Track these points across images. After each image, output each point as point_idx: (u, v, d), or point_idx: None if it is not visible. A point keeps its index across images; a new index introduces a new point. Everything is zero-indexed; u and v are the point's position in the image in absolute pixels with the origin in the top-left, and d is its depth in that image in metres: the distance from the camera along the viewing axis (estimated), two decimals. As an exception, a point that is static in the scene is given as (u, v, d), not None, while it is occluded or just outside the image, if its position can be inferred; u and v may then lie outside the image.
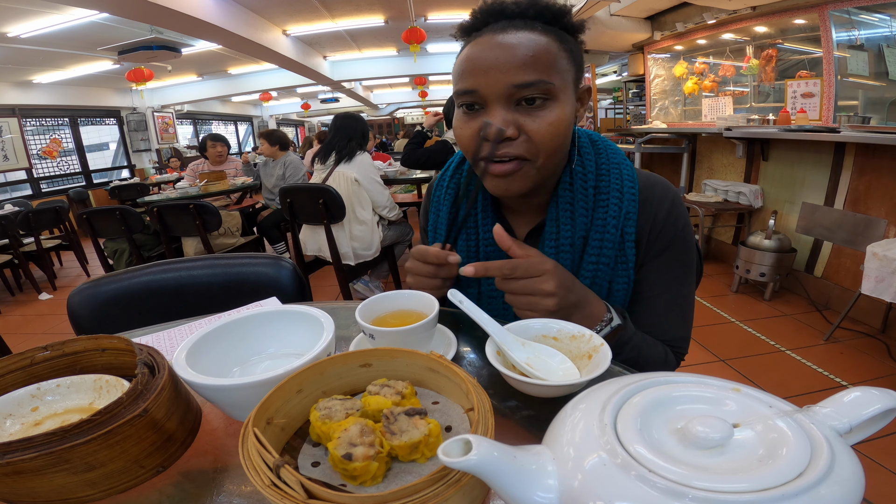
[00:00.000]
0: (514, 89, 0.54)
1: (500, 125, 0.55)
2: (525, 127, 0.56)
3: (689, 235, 0.66)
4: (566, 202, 0.64)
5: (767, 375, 1.98)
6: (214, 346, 0.50)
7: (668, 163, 4.11)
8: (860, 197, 2.44)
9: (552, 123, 0.56)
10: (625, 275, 0.64)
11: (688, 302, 0.68)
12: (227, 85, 8.07)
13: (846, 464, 0.24)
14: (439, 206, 0.75)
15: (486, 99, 0.56)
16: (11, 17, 3.86)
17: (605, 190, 0.64)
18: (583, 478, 0.26)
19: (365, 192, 2.44)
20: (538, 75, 0.54)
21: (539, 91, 0.54)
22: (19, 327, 3.13)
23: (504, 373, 0.46)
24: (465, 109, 0.59)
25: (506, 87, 0.54)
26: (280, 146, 3.52)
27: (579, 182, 0.64)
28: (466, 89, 0.57)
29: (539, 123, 0.55)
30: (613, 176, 0.64)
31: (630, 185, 0.64)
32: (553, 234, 0.65)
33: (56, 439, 0.34)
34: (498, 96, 0.55)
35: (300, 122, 15.62)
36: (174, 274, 0.94)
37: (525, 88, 0.54)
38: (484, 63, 0.55)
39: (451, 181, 0.75)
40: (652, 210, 0.64)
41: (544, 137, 0.56)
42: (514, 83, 0.54)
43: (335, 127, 2.50)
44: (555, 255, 0.64)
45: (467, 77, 0.57)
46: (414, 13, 4.96)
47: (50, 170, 6.28)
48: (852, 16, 2.56)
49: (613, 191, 0.63)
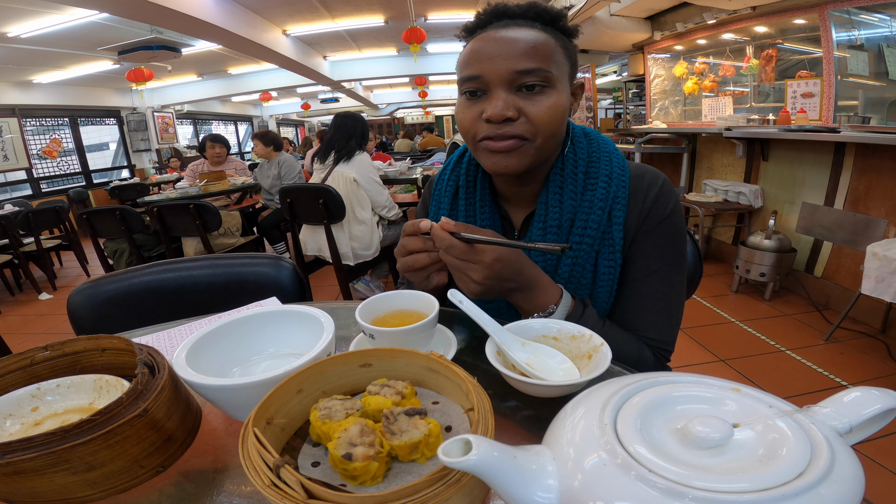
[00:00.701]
0: (515, 75, 0.58)
1: (502, 107, 0.58)
2: (525, 109, 0.59)
3: (679, 221, 0.66)
4: (556, 186, 0.67)
5: (767, 375, 1.98)
6: (214, 346, 0.50)
7: (668, 163, 4.11)
8: (860, 197, 2.44)
9: (550, 107, 0.60)
10: (611, 258, 0.65)
11: (675, 295, 0.67)
12: (227, 85, 8.07)
13: (846, 464, 0.24)
14: (440, 200, 0.77)
15: (489, 84, 0.60)
16: (11, 17, 3.85)
17: (595, 175, 0.67)
18: (583, 478, 0.26)
19: (364, 192, 2.44)
20: (538, 63, 0.58)
21: (538, 78, 0.59)
22: (19, 327, 3.13)
23: (504, 373, 0.46)
24: (468, 96, 0.63)
25: (508, 73, 0.58)
26: (274, 147, 3.56)
27: (570, 167, 0.67)
28: (471, 75, 0.61)
29: (538, 107, 0.59)
30: (603, 162, 0.67)
31: (619, 171, 0.67)
32: (542, 217, 0.67)
33: (56, 439, 0.34)
34: (500, 81, 0.59)
35: (300, 122, 15.62)
36: (174, 274, 0.94)
37: (526, 75, 0.58)
38: (489, 52, 0.59)
39: (451, 174, 0.77)
40: (641, 194, 0.66)
41: (543, 119, 0.59)
42: (515, 69, 0.58)
43: (335, 126, 2.49)
44: (542, 236, 0.67)
45: (472, 64, 0.60)
46: (414, 13, 4.96)
47: (50, 170, 6.28)
48: (852, 16, 2.55)
49: (602, 175, 0.66)
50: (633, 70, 4.76)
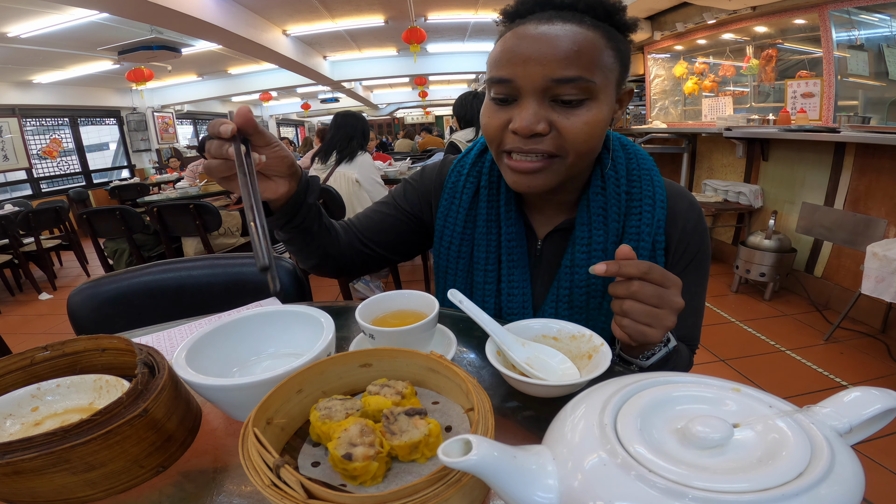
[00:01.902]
0: (551, 83, 0.51)
1: (532, 120, 0.52)
2: (558, 124, 0.53)
3: (709, 246, 0.69)
4: (599, 206, 0.63)
5: (767, 375, 1.98)
6: (214, 346, 0.50)
7: (668, 163, 4.10)
8: (860, 197, 2.44)
9: (588, 123, 0.53)
10: None
11: (703, 304, 0.71)
12: (227, 85, 8.07)
13: (846, 464, 0.24)
14: (456, 195, 0.71)
15: (520, 90, 0.53)
16: (11, 17, 3.85)
17: (638, 197, 0.62)
18: (583, 478, 0.26)
19: (365, 193, 2.44)
20: (579, 71, 0.51)
21: (578, 89, 0.51)
22: (19, 327, 3.13)
23: (504, 373, 0.46)
24: (497, 100, 0.56)
25: (543, 81, 0.51)
26: None
27: (612, 187, 0.63)
28: (501, 78, 0.54)
29: (573, 121, 0.53)
30: (645, 183, 0.63)
31: (661, 193, 0.63)
32: (585, 239, 0.63)
33: (56, 439, 0.34)
34: (534, 89, 0.52)
35: (300, 122, 15.62)
36: (174, 274, 0.94)
37: (564, 84, 0.51)
38: (524, 53, 0.52)
39: (472, 170, 0.70)
40: (679, 221, 0.64)
41: (577, 137, 0.53)
42: (552, 77, 0.51)
43: (335, 125, 2.49)
44: (586, 260, 0.63)
45: (504, 66, 0.53)
46: (414, 13, 4.95)
47: (50, 170, 6.28)
48: (852, 16, 2.55)
49: (646, 198, 0.62)
50: (633, 70, 4.75)
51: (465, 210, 0.70)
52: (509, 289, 0.68)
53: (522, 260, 0.67)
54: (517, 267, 0.67)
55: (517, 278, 0.67)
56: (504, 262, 0.67)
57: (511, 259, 0.67)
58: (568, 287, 0.64)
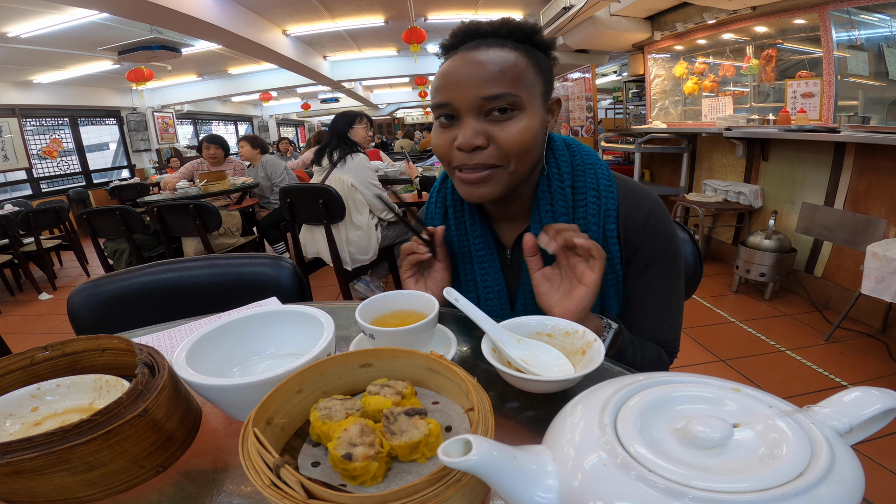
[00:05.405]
0: (482, 101, 0.58)
1: (471, 135, 0.58)
2: (494, 136, 0.59)
3: (675, 243, 0.68)
4: (546, 203, 0.67)
5: (767, 375, 1.98)
6: (214, 346, 0.50)
7: (668, 163, 4.11)
8: (860, 197, 2.44)
9: (520, 132, 0.59)
10: (612, 271, 0.66)
11: (677, 305, 0.71)
12: (227, 85, 8.07)
13: (846, 464, 0.24)
14: (432, 221, 0.78)
15: (458, 111, 0.59)
16: (11, 17, 3.85)
17: (583, 189, 0.67)
18: (583, 478, 0.26)
19: (361, 196, 2.43)
20: (505, 88, 0.57)
21: (506, 102, 0.58)
22: (19, 327, 3.13)
23: (500, 369, 0.47)
24: (442, 122, 0.62)
25: (475, 100, 0.58)
26: (260, 149, 3.76)
27: (556, 183, 0.67)
28: (441, 102, 0.60)
29: (507, 133, 0.59)
30: (589, 175, 0.68)
31: (606, 182, 0.67)
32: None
33: (56, 439, 0.34)
34: (469, 108, 0.58)
35: (300, 122, 15.61)
36: (174, 274, 0.94)
37: (493, 100, 0.57)
38: (456, 78, 0.59)
39: (438, 196, 0.78)
40: (628, 221, 0.66)
41: (513, 145, 0.59)
42: (482, 96, 0.57)
43: (329, 129, 2.52)
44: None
45: (442, 91, 0.60)
46: (414, 13, 4.95)
47: (50, 170, 6.28)
48: (852, 16, 2.55)
49: (590, 189, 0.67)
50: (633, 70, 4.75)
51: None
52: (485, 294, 0.73)
53: (494, 266, 0.72)
54: (489, 273, 0.72)
55: (490, 283, 0.72)
56: (477, 271, 0.73)
57: (483, 266, 0.72)
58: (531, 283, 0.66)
